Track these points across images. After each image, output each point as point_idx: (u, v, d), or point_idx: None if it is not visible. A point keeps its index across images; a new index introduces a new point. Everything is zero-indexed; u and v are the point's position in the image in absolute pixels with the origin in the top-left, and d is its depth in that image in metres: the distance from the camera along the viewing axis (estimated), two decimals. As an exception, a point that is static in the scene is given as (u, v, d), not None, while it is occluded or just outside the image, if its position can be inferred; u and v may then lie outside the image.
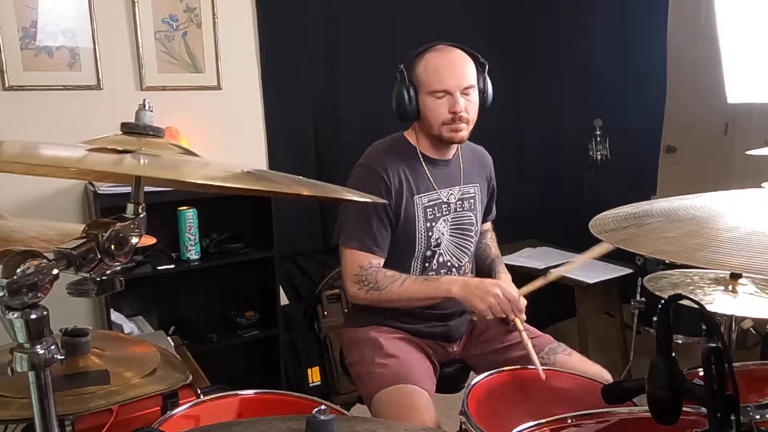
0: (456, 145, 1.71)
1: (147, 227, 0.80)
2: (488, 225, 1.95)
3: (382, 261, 1.62)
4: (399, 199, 1.62)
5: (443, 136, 1.62)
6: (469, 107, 1.60)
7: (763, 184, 1.31)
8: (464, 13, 3.08)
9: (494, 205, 1.91)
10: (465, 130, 1.62)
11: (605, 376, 1.61)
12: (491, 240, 1.94)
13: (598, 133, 3.34)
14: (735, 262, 0.83)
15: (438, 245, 1.69)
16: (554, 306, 3.26)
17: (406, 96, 1.60)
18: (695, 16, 3.83)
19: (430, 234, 1.67)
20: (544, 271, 2.83)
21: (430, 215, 1.67)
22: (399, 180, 1.62)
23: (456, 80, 1.57)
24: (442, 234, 1.69)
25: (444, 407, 1.57)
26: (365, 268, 1.59)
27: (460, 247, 1.74)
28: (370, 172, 1.61)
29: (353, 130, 2.84)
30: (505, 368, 1.46)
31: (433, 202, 1.68)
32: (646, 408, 0.84)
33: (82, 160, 0.75)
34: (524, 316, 1.61)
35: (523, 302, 1.67)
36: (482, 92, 1.65)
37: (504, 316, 1.55)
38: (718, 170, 4.18)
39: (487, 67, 1.65)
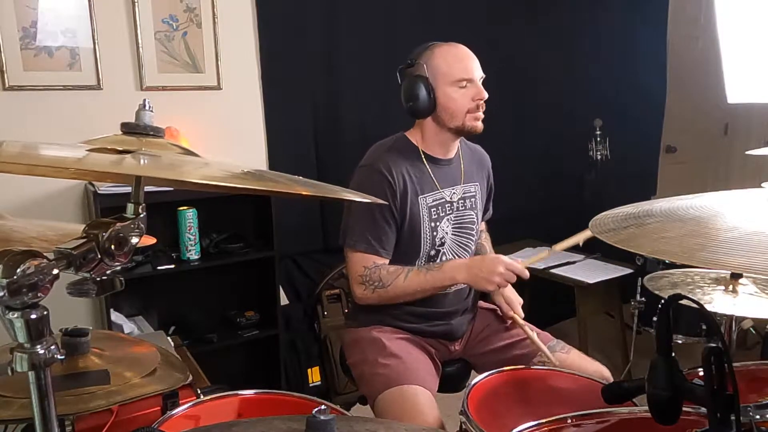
0: (458, 143, 1.72)
1: (147, 227, 0.80)
2: (483, 225, 1.96)
3: (386, 262, 1.62)
4: (404, 199, 1.62)
5: (466, 126, 1.62)
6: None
7: (763, 184, 1.31)
8: (464, 14, 3.08)
9: (491, 205, 1.92)
10: (481, 120, 1.63)
11: (604, 373, 1.62)
12: (485, 240, 1.96)
13: (598, 133, 3.34)
14: (735, 262, 0.83)
15: (442, 244, 1.69)
16: (554, 306, 3.27)
17: (423, 89, 1.59)
18: (695, 16, 3.84)
19: (434, 234, 1.67)
20: (545, 271, 2.86)
21: (435, 215, 1.67)
22: (403, 180, 1.61)
23: (476, 69, 1.61)
24: (446, 233, 1.70)
25: (444, 407, 1.57)
26: (369, 268, 1.59)
27: (462, 245, 1.74)
28: (374, 173, 1.61)
29: (353, 130, 2.84)
30: (505, 368, 1.46)
31: (437, 202, 1.68)
32: (646, 408, 0.84)
33: (82, 160, 0.75)
34: (522, 313, 1.63)
35: (520, 300, 1.69)
36: None
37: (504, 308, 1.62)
38: (718, 170, 4.18)
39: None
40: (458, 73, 1.58)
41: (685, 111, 3.80)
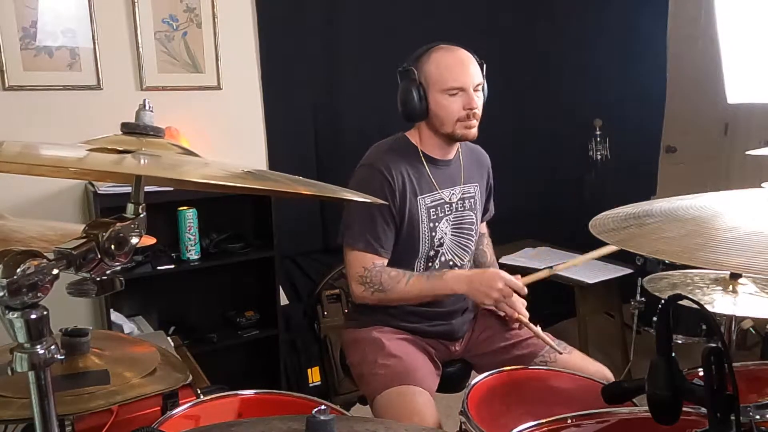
0: (457, 144, 1.71)
1: (147, 227, 0.80)
2: (485, 228, 1.95)
3: (386, 261, 1.62)
4: (403, 200, 1.62)
5: (456, 134, 1.61)
6: (480, 104, 1.61)
7: (763, 184, 1.31)
8: (464, 14, 3.08)
9: (492, 204, 1.91)
10: (476, 127, 1.62)
11: (606, 374, 1.62)
12: (487, 246, 1.95)
13: (598, 133, 3.34)
14: (735, 262, 0.83)
15: (441, 245, 1.69)
16: (554, 306, 3.27)
17: (415, 95, 1.59)
18: (695, 16, 3.83)
19: (433, 234, 1.67)
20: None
21: (433, 215, 1.67)
22: (402, 180, 1.62)
23: (469, 77, 1.58)
24: (445, 234, 1.70)
25: (444, 407, 1.57)
26: (369, 269, 1.59)
27: (461, 246, 1.74)
28: (374, 173, 1.61)
29: (353, 130, 2.84)
30: (505, 368, 1.46)
31: (435, 203, 1.68)
32: (646, 408, 0.84)
33: (82, 160, 0.75)
34: (527, 313, 1.63)
35: (523, 301, 1.69)
36: (483, 90, 1.65)
37: (507, 311, 1.61)
38: (718, 170, 4.18)
39: (484, 66, 1.65)
40: (448, 81, 1.57)
41: (685, 111, 3.79)
